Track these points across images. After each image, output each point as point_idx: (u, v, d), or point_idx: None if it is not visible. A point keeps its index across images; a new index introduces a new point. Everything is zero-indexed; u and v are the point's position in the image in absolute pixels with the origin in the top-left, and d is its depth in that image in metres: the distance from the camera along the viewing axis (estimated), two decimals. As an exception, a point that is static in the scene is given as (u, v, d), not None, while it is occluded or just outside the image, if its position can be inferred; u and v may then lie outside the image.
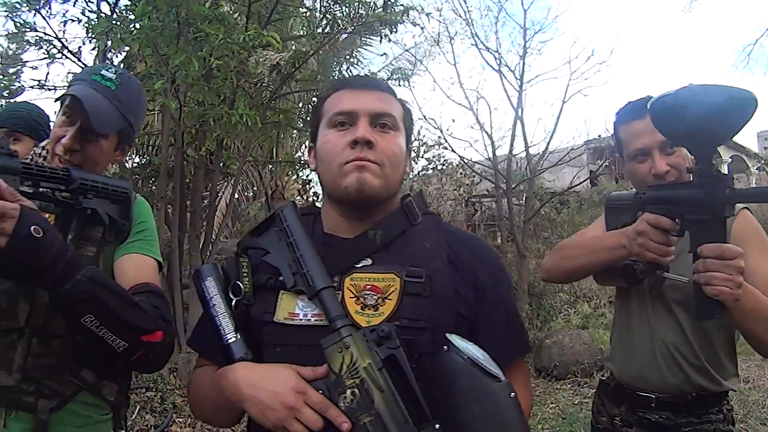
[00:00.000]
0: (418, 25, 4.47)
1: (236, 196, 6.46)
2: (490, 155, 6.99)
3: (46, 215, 1.13)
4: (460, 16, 6.88)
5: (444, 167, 8.67)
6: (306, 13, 4.50)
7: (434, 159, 8.55)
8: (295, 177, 7.86)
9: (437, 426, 0.82)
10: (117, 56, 4.51)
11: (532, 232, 8.69)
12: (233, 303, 1.00)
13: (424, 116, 7.35)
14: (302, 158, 6.27)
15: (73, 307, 0.99)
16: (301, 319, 0.96)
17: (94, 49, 4.99)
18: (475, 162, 7.60)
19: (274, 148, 8.23)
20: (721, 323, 1.40)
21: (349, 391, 0.86)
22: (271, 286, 1.00)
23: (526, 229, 7.13)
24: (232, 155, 5.36)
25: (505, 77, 6.89)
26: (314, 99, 4.88)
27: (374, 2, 4.11)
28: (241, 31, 3.39)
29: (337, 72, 6.31)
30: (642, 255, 1.31)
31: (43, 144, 1.37)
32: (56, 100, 1.30)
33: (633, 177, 1.54)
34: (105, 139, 1.26)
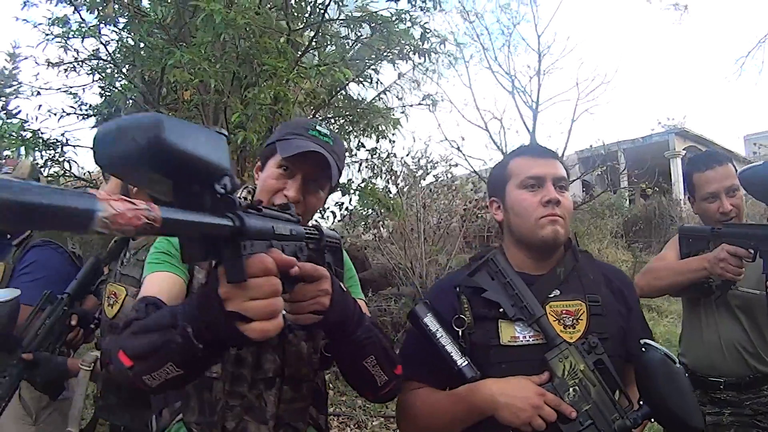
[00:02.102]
0: (449, 54, 4.87)
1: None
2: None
3: None
4: (476, 41, 7.38)
5: (453, 182, 9.12)
6: (341, 41, 4.88)
7: (443, 175, 8.99)
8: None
9: (641, 403, 1.24)
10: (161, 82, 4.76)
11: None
12: (459, 333, 1.34)
13: (446, 138, 7.87)
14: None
15: (361, 350, 1.12)
16: (521, 341, 1.34)
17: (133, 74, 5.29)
18: (485, 178, 8.09)
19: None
20: None
21: (571, 389, 1.26)
22: (492, 316, 1.36)
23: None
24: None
25: (521, 96, 7.39)
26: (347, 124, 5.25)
27: (412, 32, 4.52)
28: (312, 68, 3.76)
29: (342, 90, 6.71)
30: (722, 275, 1.84)
31: (243, 194, 1.41)
32: (266, 153, 1.34)
33: (703, 213, 2.06)
34: (323, 190, 1.35)
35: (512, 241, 1.48)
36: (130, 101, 4.42)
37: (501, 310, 1.35)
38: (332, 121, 5.33)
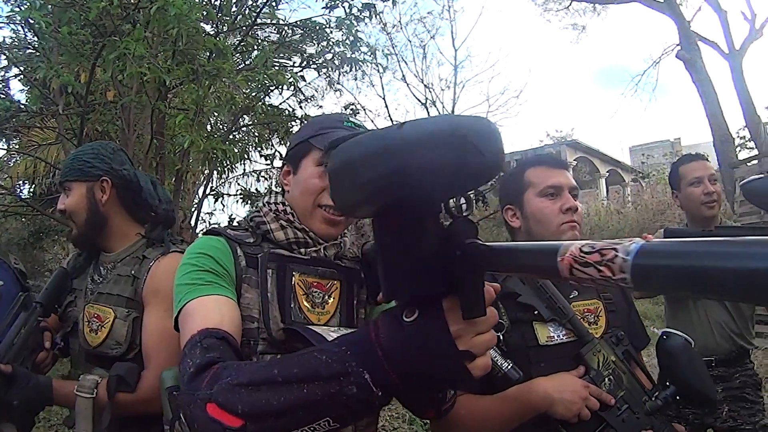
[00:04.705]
0: (378, 64, 5.07)
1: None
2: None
3: (333, 281, 1.28)
4: (392, 52, 7.69)
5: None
6: (269, 47, 4.86)
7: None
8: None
9: (667, 383, 1.47)
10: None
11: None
12: (500, 337, 1.46)
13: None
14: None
15: None
16: (556, 340, 1.51)
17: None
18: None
19: (185, 176, 8.30)
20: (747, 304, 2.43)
21: (606, 379, 1.46)
22: (527, 319, 1.51)
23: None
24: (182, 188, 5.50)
25: (435, 107, 7.80)
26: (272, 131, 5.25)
27: (342, 41, 4.64)
28: (260, 71, 3.73)
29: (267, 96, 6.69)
30: None
31: (280, 199, 1.31)
32: (327, 150, 1.21)
33: (688, 198, 2.53)
34: None
35: None
36: (65, 95, 4.07)
37: (536, 312, 1.52)
38: (251, 128, 5.29)
